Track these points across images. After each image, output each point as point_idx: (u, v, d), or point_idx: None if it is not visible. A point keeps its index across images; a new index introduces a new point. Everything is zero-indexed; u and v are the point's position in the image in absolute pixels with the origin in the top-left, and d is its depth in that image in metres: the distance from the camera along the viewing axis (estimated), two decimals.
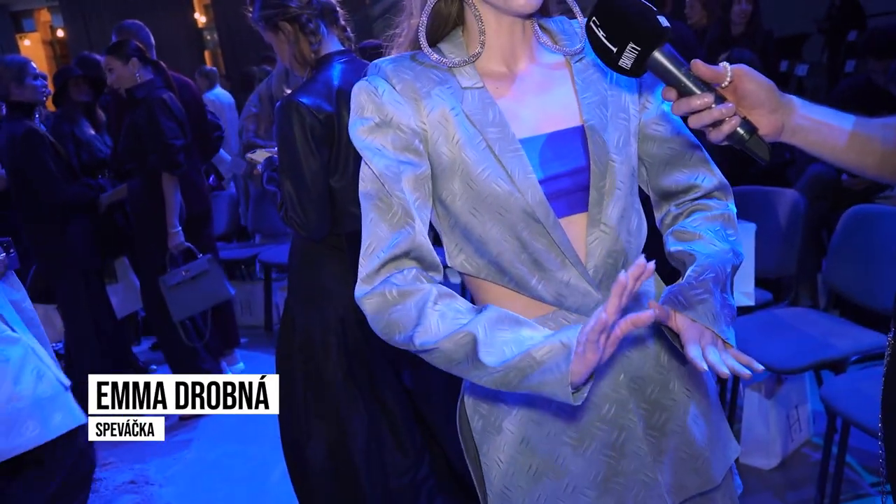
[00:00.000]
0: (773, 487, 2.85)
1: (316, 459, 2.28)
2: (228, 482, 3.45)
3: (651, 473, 1.23)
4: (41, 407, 1.92)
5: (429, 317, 1.14)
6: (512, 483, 1.23)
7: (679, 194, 1.32)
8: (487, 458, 1.25)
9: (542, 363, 1.07)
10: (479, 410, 1.26)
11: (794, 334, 2.83)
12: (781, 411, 2.94)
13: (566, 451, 1.22)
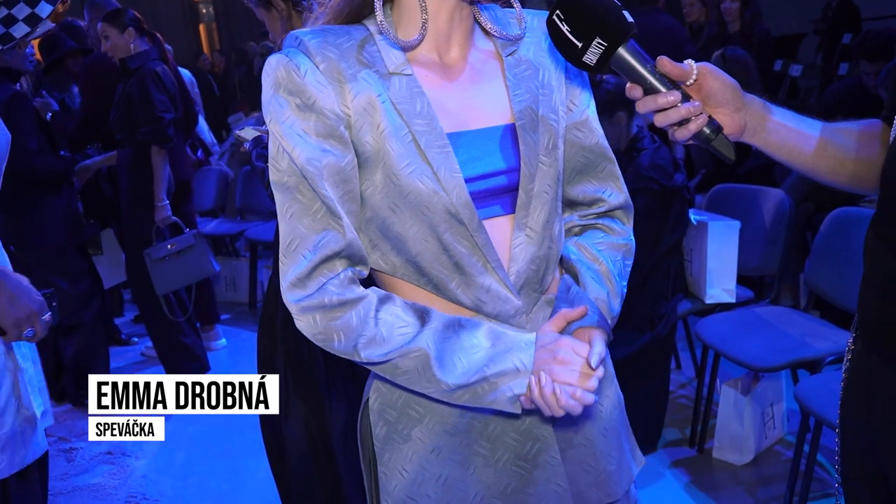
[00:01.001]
0: (744, 483, 2.88)
1: (293, 439, 2.29)
2: (205, 457, 3.46)
3: (563, 483, 1.21)
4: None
5: (372, 327, 1.10)
6: (419, 492, 1.19)
7: (583, 206, 1.31)
8: (388, 466, 1.21)
9: (496, 386, 1.10)
10: (386, 417, 1.21)
11: (772, 333, 2.86)
12: (756, 408, 2.97)
13: (478, 462, 1.19)
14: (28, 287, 1.79)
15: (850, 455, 1.23)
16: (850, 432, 1.22)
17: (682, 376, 3.74)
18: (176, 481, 3.29)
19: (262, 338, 2.39)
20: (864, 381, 1.16)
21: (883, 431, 1.12)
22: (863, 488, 1.21)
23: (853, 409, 1.20)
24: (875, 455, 1.16)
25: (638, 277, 2.98)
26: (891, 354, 1.09)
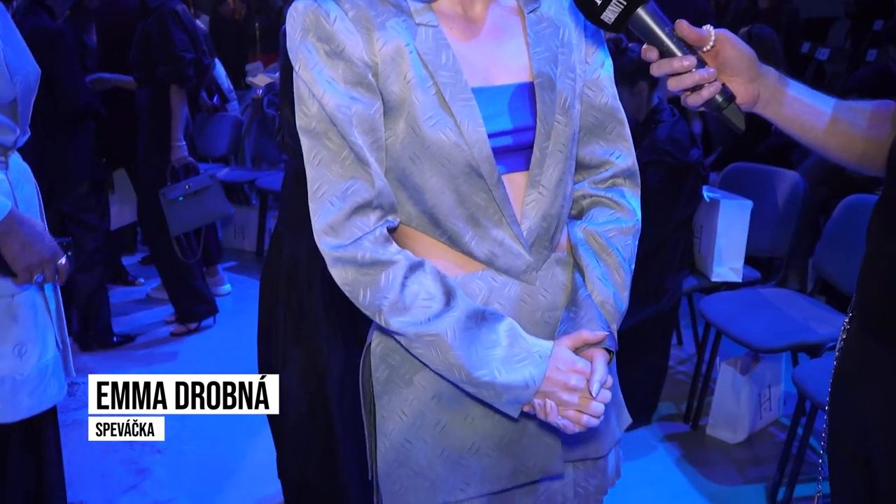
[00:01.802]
0: (735, 462, 2.90)
1: (289, 385, 2.30)
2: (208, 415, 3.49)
3: (555, 436, 1.24)
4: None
5: (398, 292, 1.12)
6: (416, 437, 1.21)
7: (592, 169, 1.30)
8: (386, 409, 1.23)
9: (500, 396, 1.13)
10: (389, 360, 1.23)
11: (776, 315, 2.85)
12: (754, 389, 2.97)
13: (476, 412, 1.21)
14: (41, 233, 1.82)
15: (837, 433, 1.24)
16: (839, 411, 1.22)
17: (682, 352, 3.74)
18: (173, 422, 3.25)
19: (265, 287, 2.40)
20: (857, 361, 1.16)
21: (871, 412, 1.12)
22: (847, 467, 1.21)
23: (844, 389, 1.20)
24: (861, 435, 1.16)
25: (646, 250, 2.96)
26: (886, 336, 1.09)
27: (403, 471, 1.23)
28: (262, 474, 2.77)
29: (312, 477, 2.35)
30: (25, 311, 1.87)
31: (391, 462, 1.24)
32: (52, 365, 1.94)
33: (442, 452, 1.22)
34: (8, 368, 1.82)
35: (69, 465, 2.18)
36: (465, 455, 1.22)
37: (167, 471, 2.97)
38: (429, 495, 1.23)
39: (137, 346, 4.13)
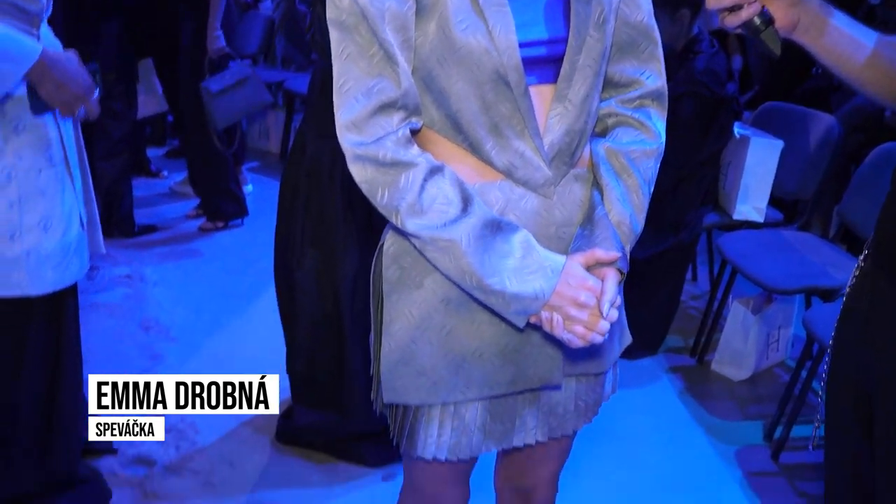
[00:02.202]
0: (737, 398, 2.93)
1: (303, 283, 2.33)
2: (219, 296, 3.55)
3: (556, 348, 1.26)
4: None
5: (416, 194, 1.11)
6: (421, 338, 1.23)
7: (621, 87, 1.28)
8: (395, 309, 1.24)
9: (509, 305, 1.14)
10: (401, 262, 1.24)
11: (793, 257, 2.83)
12: (763, 329, 2.98)
13: (483, 318, 1.22)
14: (76, 70, 1.87)
15: (838, 370, 1.24)
16: (843, 348, 1.23)
17: (696, 288, 3.75)
18: (189, 313, 3.40)
19: (285, 185, 2.40)
20: (867, 300, 1.16)
21: (876, 351, 1.13)
22: (845, 405, 1.22)
23: (851, 326, 1.20)
24: (865, 373, 1.16)
25: (670, 182, 2.94)
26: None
27: (406, 369, 1.25)
28: (271, 369, 2.83)
29: (319, 374, 2.41)
30: (52, 187, 1.90)
31: (395, 360, 1.26)
32: (77, 242, 1.97)
33: (446, 355, 1.24)
34: (33, 242, 1.86)
35: (85, 346, 2.24)
36: (467, 359, 1.24)
37: (180, 359, 3.05)
38: (429, 394, 1.25)
39: (158, 239, 4.18)
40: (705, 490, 2.44)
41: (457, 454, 1.30)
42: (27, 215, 1.85)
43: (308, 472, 2.45)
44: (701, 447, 2.65)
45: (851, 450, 1.23)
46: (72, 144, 1.98)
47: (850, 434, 1.22)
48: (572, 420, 1.38)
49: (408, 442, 1.30)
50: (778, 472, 2.54)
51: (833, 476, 1.29)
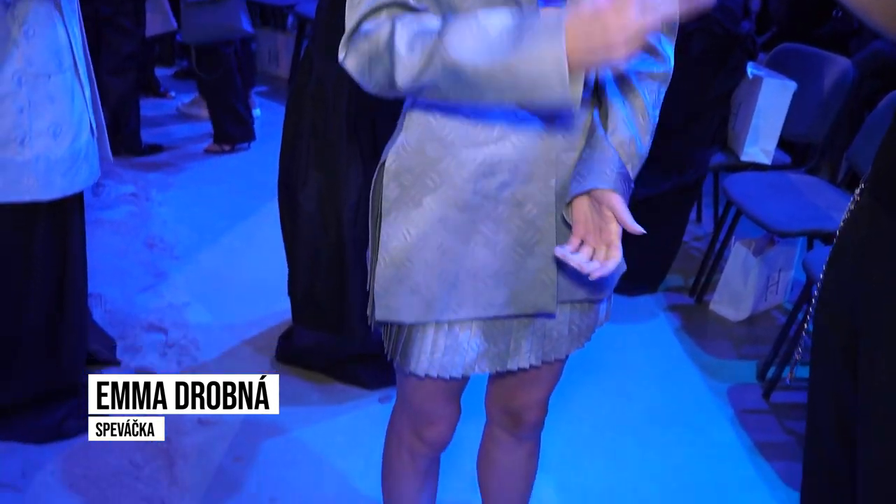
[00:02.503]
0: (733, 338, 2.96)
1: (306, 206, 2.34)
2: (222, 217, 3.57)
3: (551, 275, 1.26)
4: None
5: (399, 47, 1.06)
6: (417, 256, 1.24)
7: None
8: (392, 226, 1.25)
9: (532, 27, 1.00)
10: (401, 180, 1.24)
11: (798, 200, 2.83)
12: (764, 271, 2.99)
13: (479, 241, 1.23)
14: None
15: (827, 303, 1.25)
16: (834, 280, 1.23)
17: (699, 230, 3.75)
18: (193, 233, 3.42)
19: (290, 109, 2.39)
20: (862, 231, 1.16)
21: (867, 284, 1.13)
22: (832, 338, 1.23)
23: (844, 258, 1.20)
24: (854, 307, 1.17)
25: (679, 120, 2.91)
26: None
27: (400, 287, 1.27)
28: (273, 291, 2.87)
29: (320, 296, 2.43)
30: (62, 93, 1.90)
31: (390, 278, 1.27)
32: (85, 149, 1.99)
33: (440, 274, 1.25)
34: (43, 147, 1.88)
35: (89, 261, 2.26)
36: (461, 278, 1.25)
37: (183, 277, 3.08)
38: (422, 312, 1.27)
39: (164, 159, 4.18)
40: (695, 424, 2.48)
41: (449, 372, 1.32)
42: (37, 121, 1.86)
43: (306, 391, 2.50)
44: (694, 383, 2.68)
45: (834, 382, 1.24)
46: (81, 51, 1.97)
47: (833, 366, 1.24)
48: (566, 344, 1.40)
49: (401, 358, 1.33)
50: (768, 410, 2.58)
51: (815, 408, 1.31)
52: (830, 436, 1.28)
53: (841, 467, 1.26)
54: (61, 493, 2.04)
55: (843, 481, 1.26)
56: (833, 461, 1.28)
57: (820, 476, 1.33)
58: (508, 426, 1.57)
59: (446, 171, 1.21)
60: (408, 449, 1.52)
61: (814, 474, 1.34)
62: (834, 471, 1.28)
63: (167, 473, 2.14)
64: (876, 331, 1.12)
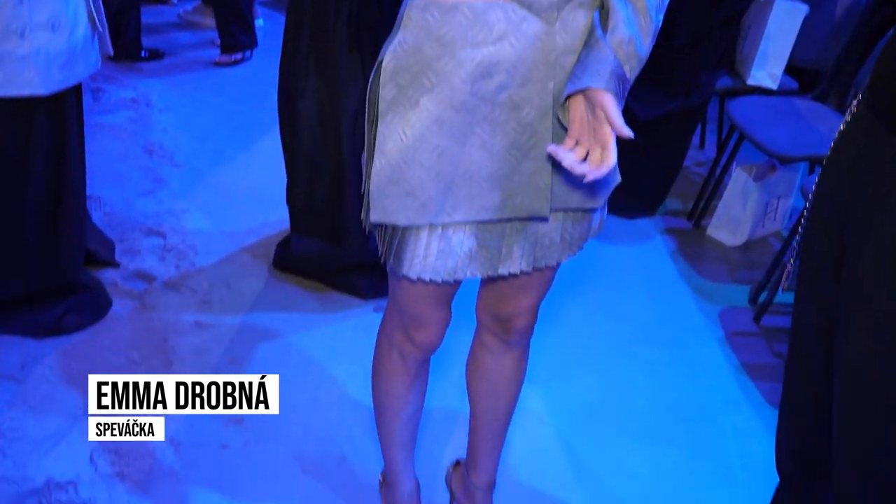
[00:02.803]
0: (728, 262, 2.97)
1: (306, 114, 2.32)
2: (223, 126, 3.55)
3: (546, 179, 1.26)
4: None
5: None
6: (412, 158, 1.24)
7: None
8: (389, 127, 1.24)
9: None
10: (398, 80, 1.23)
11: (803, 126, 2.80)
12: (763, 197, 2.98)
13: (475, 143, 1.23)
14: None
15: (818, 211, 1.26)
16: (825, 190, 1.23)
17: (702, 155, 3.73)
18: (193, 141, 3.41)
19: (291, 15, 2.35)
20: (856, 142, 1.15)
21: (858, 194, 1.13)
22: (821, 247, 1.24)
23: (836, 167, 1.20)
24: (842, 215, 1.18)
25: (685, 40, 2.87)
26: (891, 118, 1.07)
27: (395, 189, 1.27)
28: (272, 200, 2.87)
29: (317, 204, 2.44)
30: None
31: (385, 179, 1.27)
32: (83, 42, 1.98)
33: (436, 176, 1.25)
34: (42, 41, 1.87)
35: (88, 165, 2.26)
36: (456, 181, 1.26)
37: (183, 184, 3.09)
38: (417, 214, 1.28)
39: (165, 66, 4.13)
40: (684, 344, 2.52)
41: (441, 275, 1.33)
42: (35, 14, 1.85)
43: (302, 298, 2.53)
44: (686, 305, 2.71)
45: (819, 291, 1.26)
46: None
47: (820, 276, 1.25)
48: (557, 252, 1.40)
49: (395, 260, 1.34)
50: (758, 333, 2.61)
51: (800, 317, 1.33)
52: (812, 346, 1.30)
53: (820, 377, 1.28)
54: (59, 385, 2.09)
55: (822, 392, 1.29)
56: (812, 370, 1.30)
57: (799, 384, 1.35)
58: (498, 332, 1.60)
59: (444, 70, 1.20)
60: (398, 350, 1.54)
61: (793, 382, 1.37)
62: (813, 381, 1.31)
63: (164, 371, 2.18)
64: (863, 242, 1.12)
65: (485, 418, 1.72)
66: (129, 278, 2.53)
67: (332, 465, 1.97)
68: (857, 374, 1.15)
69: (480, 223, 1.31)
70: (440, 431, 2.08)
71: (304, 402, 2.15)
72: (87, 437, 1.95)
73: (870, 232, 1.10)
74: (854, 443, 1.18)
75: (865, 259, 1.11)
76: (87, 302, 2.30)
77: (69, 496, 1.81)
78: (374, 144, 1.29)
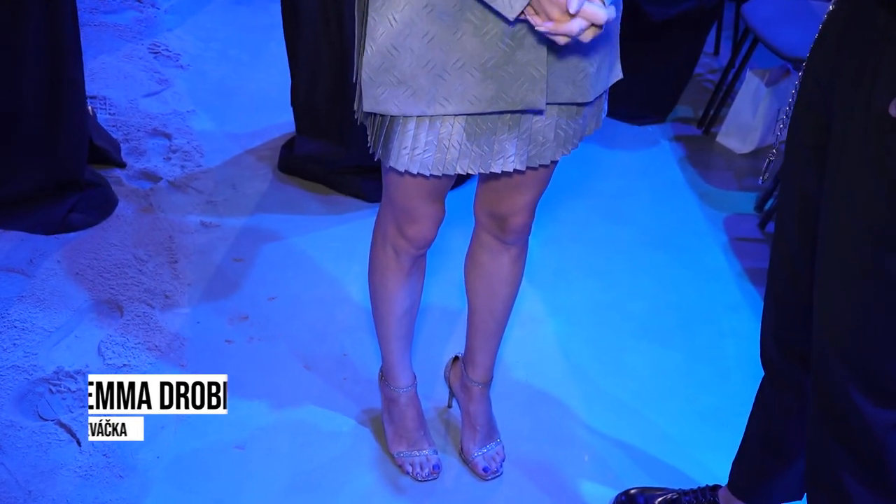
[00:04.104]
0: (735, 169, 2.95)
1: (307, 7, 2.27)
2: (232, 28, 3.50)
3: (542, 69, 1.24)
4: None
5: None
6: (403, 44, 1.22)
7: None
8: (379, 13, 1.22)
9: None
10: None
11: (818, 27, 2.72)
12: (774, 104, 2.93)
13: (467, 29, 1.21)
14: None
15: (805, 94, 1.25)
16: (812, 72, 1.22)
17: (715, 62, 3.65)
18: (198, 42, 3.37)
19: None
20: (842, 21, 1.14)
21: (842, 76, 1.12)
22: (805, 133, 1.24)
23: (823, 48, 1.19)
24: (827, 97, 1.17)
25: None
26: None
27: (387, 77, 1.26)
28: (277, 103, 2.86)
29: (321, 103, 2.43)
30: None
31: (376, 67, 1.26)
32: None
33: (426, 64, 1.23)
34: None
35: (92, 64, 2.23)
36: (448, 69, 1.24)
37: (188, 85, 3.06)
38: (409, 104, 1.26)
39: None
40: (687, 248, 2.53)
41: (429, 169, 1.32)
42: None
43: (306, 200, 2.55)
44: (691, 210, 2.71)
45: (801, 178, 1.26)
46: None
47: (802, 162, 1.25)
48: (551, 149, 1.39)
49: (383, 152, 1.34)
50: (762, 239, 2.61)
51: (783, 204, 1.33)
52: (793, 231, 1.31)
53: (801, 264, 1.30)
54: (67, 280, 2.13)
55: (803, 278, 1.30)
56: (794, 256, 1.31)
57: (781, 270, 1.37)
58: (495, 230, 1.60)
59: None
60: (392, 246, 1.56)
61: (777, 268, 1.38)
62: (795, 269, 1.32)
63: (170, 269, 2.22)
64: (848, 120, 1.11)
65: (482, 316, 1.74)
66: (134, 178, 2.55)
67: (332, 362, 2.02)
68: (835, 256, 1.15)
69: (471, 116, 1.30)
70: (439, 328, 2.12)
71: (307, 300, 2.18)
72: (96, 331, 2.01)
73: (854, 110, 1.09)
74: (832, 326, 1.20)
75: (850, 134, 1.10)
76: (93, 200, 2.32)
77: (78, 384, 1.87)
78: (364, 32, 1.27)
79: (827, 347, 1.22)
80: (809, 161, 1.23)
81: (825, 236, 1.17)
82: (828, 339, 1.21)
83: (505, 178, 1.48)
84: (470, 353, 1.82)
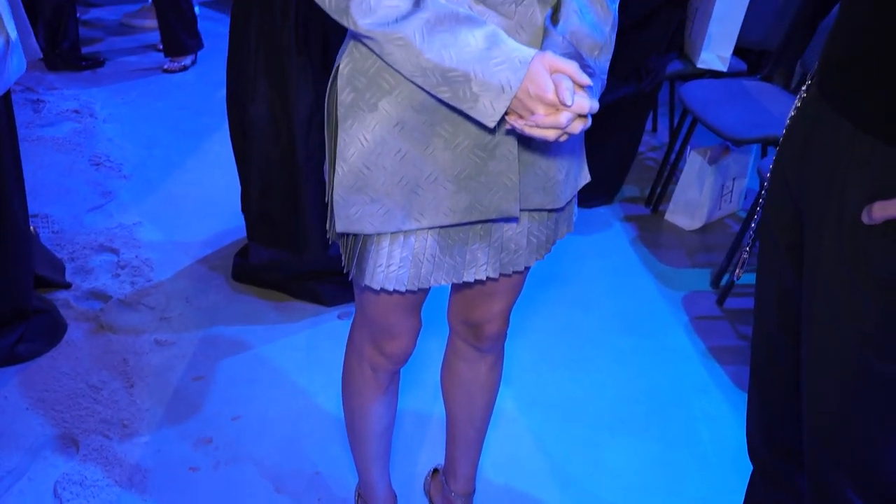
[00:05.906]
0: (687, 246, 2.99)
1: (258, 119, 2.27)
2: (170, 133, 3.46)
3: (514, 177, 1.24)
4: None
5: None
6: (375, 163, 1.21)
7: None
8: (349, 133, 1.22)
9: (476, 97, 1.07)
10: (356, 83, 1.20)
11: (753, 107, 2.82)
12: (718, 179, 3.01)
13: (438, 144, 1.20)
14: None
15: (774, 196, 1.26)
16: (780, 174, 1.24)
17: (655, 140, 3.75)
18: (140, 149, 3.32)
19: (237, 14, 2.29)
20: (807, 125, 1.16)
21: (810, 176, 1.14)
22: (778, 232, 1.25)
23: (790, 151, 1.21)
24: (797, 198, 1.18)
25: (634, 22, 2.87)
26: (841, 101, 1.07)
27: (360, 197, 1.24)
28: (226, 208, 2.81)
29: (273, 211, 2.39)
30: None
31: (348, 187, 1.24)
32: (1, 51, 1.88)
33: (400, 180, 1.22)
34: None
35: (33, 180, 2.17)
36: (421, 184, 1.23)
37: (132, 196, 3.00)
38: (383, 222, 1.24)
39: (106, 73, 4.01)
40: (651, 331, 2.53)
41: (405, 285, 1.30)
42: None
43: (263, 309, 2.48)
44: (649, 292, 2.72)
45: (779, 277, 1.27)
46: None
47: (778, 261, 1.26)
48: (524, 256, 1.38)
49: (357, 271, 1.31)
50: (722, 316, 2.63)
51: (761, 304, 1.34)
52: (775, 332, 1.31)
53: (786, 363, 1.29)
54: (16, 417, 2.02)
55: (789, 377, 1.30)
56: (778, 356, 1.31)
57: (765, 370, 1.36)
58: (470, 338, 1.58)
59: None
60: (369, 363, 1.51)
61: (760, 369, 1.38)
62: (780, 367, 1.32)
63: (126, 394, 2.12)
64: (822, 222, 1.12)
65: (462, 426, 1.70)
66: (82, 298, 2.46)
67: (304, 482, 1.93)
68: (822, 359, 1.15)
69: (443, 228, 1.29)
70: (414, 437, 2.06)
71: (273, 417, 2.10)
72: (51, 470, 1.89)
73: (827, 213, 1.10)
74: (824, 429, 1.19)
75: (825, 239, 1.11)
76: (41, 327, 2.22)
77: None
78: (335, 152, 1.25)
79: (820, 449, 1.20)
80: (785, 259, 1.24)
81: (810, 339, 1.17)
82: (820, 442, 1.20)
83: (478, 285, 1.46)
84: (450, 464, 1.76)
